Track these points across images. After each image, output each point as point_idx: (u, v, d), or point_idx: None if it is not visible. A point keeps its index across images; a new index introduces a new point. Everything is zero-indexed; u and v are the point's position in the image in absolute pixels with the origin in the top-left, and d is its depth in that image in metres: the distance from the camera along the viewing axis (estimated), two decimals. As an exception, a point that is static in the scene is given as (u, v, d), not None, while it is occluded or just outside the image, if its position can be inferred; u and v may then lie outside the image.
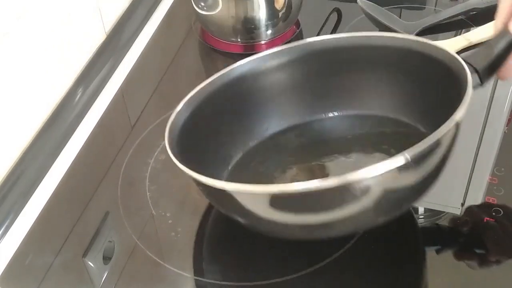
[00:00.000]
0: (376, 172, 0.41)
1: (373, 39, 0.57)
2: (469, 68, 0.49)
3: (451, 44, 0.73)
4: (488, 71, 0.51)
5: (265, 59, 0.59)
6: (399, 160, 0.41)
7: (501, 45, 0.51)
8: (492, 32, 0.53)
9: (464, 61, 0.50)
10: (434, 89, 0.53)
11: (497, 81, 0.68)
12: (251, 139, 0.60)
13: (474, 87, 0.48)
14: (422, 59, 0.53)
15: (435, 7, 0.82)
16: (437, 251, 0.53)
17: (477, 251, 0.53)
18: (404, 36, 0.56)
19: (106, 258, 0.55)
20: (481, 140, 0.63)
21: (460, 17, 0.77)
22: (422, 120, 0.56)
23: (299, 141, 0.60)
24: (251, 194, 0.44)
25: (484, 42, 0.52)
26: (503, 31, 0.51)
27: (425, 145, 0.42)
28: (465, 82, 0.47)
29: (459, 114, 0.44)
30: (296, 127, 0.61)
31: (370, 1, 0.76)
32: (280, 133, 0.61)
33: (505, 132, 0.64)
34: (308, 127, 0.61)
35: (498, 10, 0.52)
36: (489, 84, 0.68)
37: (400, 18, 0.78)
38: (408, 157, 0.41)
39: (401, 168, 0.42)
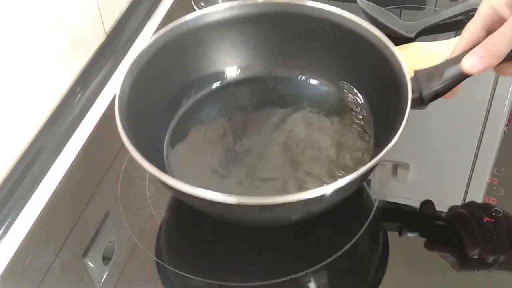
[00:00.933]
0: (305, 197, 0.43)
1: (326, 14, 0.59)
2: (415, 87, 0.50)
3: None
4: (432, 97, 0.51)
5: (211, 14, 0.60)
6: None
7: (452, 73, 0.50)
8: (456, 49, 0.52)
9: (416, 80, 0.50)
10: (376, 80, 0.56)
11: (497, 81, 0.68)
12: (202, 87, 0.63)
13: (416, 108, 0.50)
14: (376, 57, 0.55)
15: (435, 7, 0.82)
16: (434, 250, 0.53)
17: (476, 251, 0.53)
18: (373, 31, 0.56)
19: (106, 258, 0.55)
20: (481, 140, 0.63)
21: (460, 17, 0.77)
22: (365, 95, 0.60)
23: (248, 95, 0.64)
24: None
25: (438, 64, 0.51)
26: (458, 57, 0.50)
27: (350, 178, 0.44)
28: (405, 106, 0.49)
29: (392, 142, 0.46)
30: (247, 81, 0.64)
31: (370, 2, 0.76)
32: (233, 84, 0.64)
33: (505, 132, 0.64)
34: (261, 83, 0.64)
35: (462, 33, 0.51)
36: (489, 84, 0.68)
37: (400, 18, 0.78)
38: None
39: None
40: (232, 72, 0.64)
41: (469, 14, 0.77)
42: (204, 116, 0.61)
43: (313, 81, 0.63)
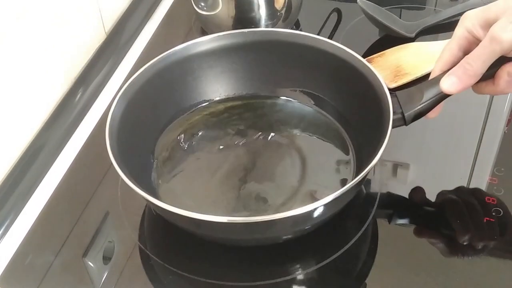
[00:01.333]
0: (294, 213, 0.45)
1: (311, 41, 0.61)
2: (397, 108, 0.52)
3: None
4: (414, 117, 0.53)
5: (200, 44, 0.62)
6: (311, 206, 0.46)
7: (432, 93, 0.52)
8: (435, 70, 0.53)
9: (397, 101, 0.52)
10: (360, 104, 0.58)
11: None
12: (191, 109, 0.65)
13: (397, 126, 0.52)
14: (360, 81, 0.57)
15: (435, 7, 0.82)
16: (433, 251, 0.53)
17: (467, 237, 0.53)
18: (354, 55, 0.59)
19: (106, 258, 0.55)
20: (481, 140, 0.63)
21: (460, 17, 0.77)
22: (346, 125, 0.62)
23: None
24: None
25: (417, 85, 0.54)
26: (437, 78, 0.52)
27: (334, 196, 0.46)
28: (387, 124, 0.51)
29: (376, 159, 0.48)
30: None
31: (370, 1, 0.76)
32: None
33: (505, 132, 0.64)
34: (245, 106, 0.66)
35: (440, 55, 0.53)
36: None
37: (400, 18, 0.78)
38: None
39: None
40: (220, 98, 0.66)
41: (469, 14, 0.77)
42: (193, 141, 0.62)
43: (299, 104, 0.65)
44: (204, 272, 0.52)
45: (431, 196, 0.57)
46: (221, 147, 0.62)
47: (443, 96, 0.52)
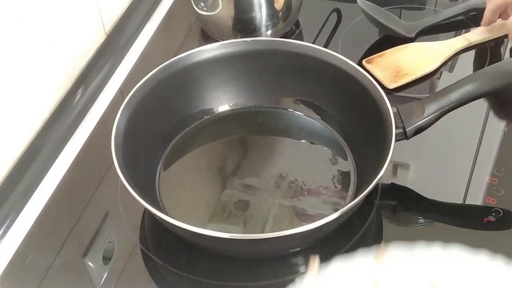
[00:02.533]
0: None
1: (314, 51, 0.61)
2: (398, 123, 0.53)
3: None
4: (415, 132, 0.54)
5: (203, 52, 0.63)
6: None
7: (433, 109, 0.53)
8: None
9: (398, 116, 0.53)
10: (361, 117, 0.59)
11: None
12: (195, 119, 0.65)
13: (398, 140, 0.52)
14: (362, 95, 0.57)
15: (435, 7, 0.83)
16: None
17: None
18: (354, 66, 0.59)
19: (106, 258, 0.55)
20: (481, 140, 0.63)
21: (460, 17, 0.77)
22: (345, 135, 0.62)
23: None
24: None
25: (418, 100, 0.55)
26: (437, 94, 0.53)
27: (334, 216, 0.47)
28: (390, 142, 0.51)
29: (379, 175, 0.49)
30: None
31: (370, 1, 0.76)
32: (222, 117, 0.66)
33: (505, 132, 0.64)
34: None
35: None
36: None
37: (400, 18, 0.78)
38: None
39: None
40: (223, 107, 0.66)
41: (469, 14, 0.77)
42: (196, 149, 0.63)
43: (300, 114, 0.65)
44: (204, 272, 0.52)
45: (432, 197, 0.57)
46: (222, 154, 0.62)
47: (444, 112, 0.53)
